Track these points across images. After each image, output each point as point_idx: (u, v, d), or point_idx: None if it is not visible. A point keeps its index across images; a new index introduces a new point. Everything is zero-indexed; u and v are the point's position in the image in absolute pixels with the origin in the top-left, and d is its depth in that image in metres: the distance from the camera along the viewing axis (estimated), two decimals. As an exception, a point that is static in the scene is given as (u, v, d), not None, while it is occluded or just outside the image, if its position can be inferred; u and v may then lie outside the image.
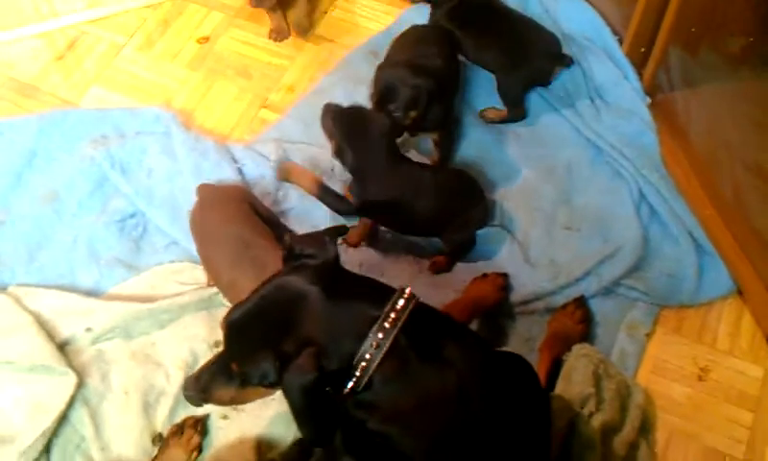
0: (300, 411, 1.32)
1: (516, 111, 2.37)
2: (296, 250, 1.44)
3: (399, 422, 1.33)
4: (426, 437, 1.33)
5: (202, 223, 1.97)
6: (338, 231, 1.53)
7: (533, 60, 2.36)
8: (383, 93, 2.05)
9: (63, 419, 1.85)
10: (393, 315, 1.32)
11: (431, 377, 1.34)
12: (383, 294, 1.37)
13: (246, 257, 1.82)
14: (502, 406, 1.39)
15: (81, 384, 1.89)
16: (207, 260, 1.96)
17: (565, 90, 2.42)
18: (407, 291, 1.37)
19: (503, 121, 2.38)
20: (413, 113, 2.05)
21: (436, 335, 1.38)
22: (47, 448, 1.82)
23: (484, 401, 1.36)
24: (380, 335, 1.31)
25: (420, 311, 1.37)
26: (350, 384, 1.32)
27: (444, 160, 2.26)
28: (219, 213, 1.95)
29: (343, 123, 1.96)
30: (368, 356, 1.30)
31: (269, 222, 1.99)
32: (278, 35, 2.66)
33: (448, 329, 1.43)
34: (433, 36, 2.28)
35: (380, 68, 2.11)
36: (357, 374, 1.31)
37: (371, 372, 1.31)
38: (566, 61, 2.39)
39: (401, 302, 1.34)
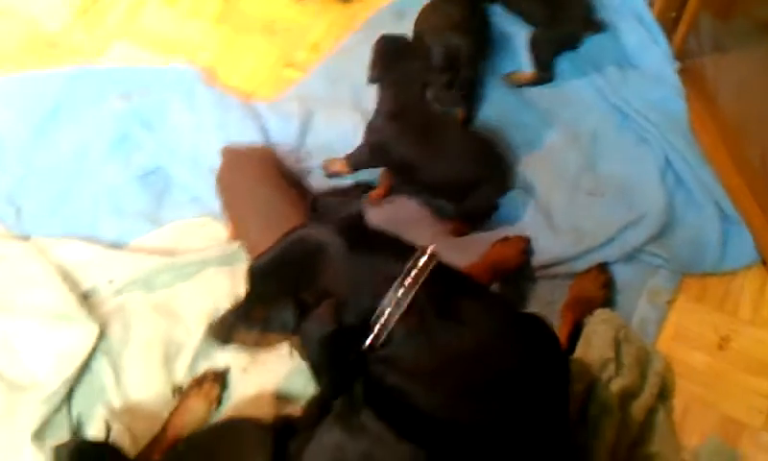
0: (317, 362, 1.35)
1: (545, 74, 2.34)
2: (320, 205, 1.45)
3: (417, 378, 1.33)
4: (443, 394, 1.33)
5: (230, 185, 1.98)
6: (363, 188, 1.54)
7: (569, 22, 2.32)
8: (450, 55, 2.04)
9: (85, 368, 1.87)
10: (414, 272, 1.32)
11: (450, 335, 1.34)
12: (405, 251, 1.37)
13: (273, 221, 1.82)
14: (521, 367, 1.39)
15: (102, 335, 1.90)
16: (236, 221, 1.97)
17: (593, 54, 2.37)
18: (429, 249, 1.37)
19: (531, 84, 2.35)
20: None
21: (457, 294, 1.37)
22: (69, 396, 1.84)
23: (503, 361, 1.36)
24: (400, 292, 1.31)
25: (441, 270, 1.37)
26: (370, 339, 1.32)
27: (468, 120, 2.24)
28: (247, 175, 1.96)
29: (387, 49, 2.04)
30: (387, 312, 1.30)
31: (294, 184, 2.00)
32: None
33: (469, 289, 1.42)
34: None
35: (429, 35, 2.10)
36: (377, 329, 1.31)
37: (390, 328, 1.31)
38: (597, 28, 2.35)
39: (423, 259, 1.34)
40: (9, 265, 2.03)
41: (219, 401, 1.84)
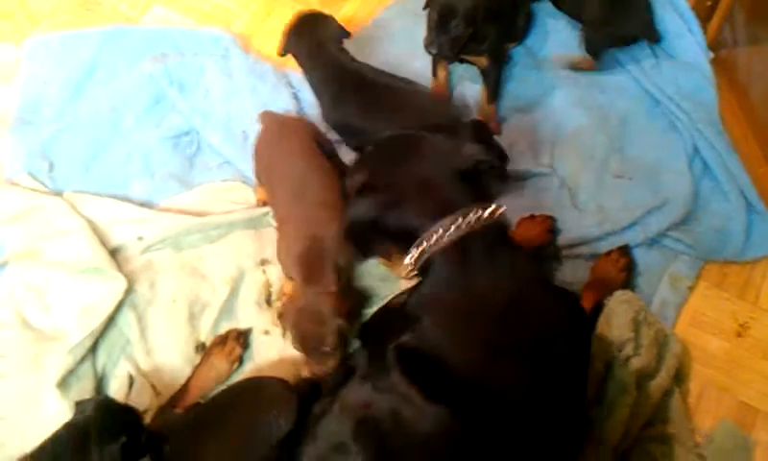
0: (349, 229, 1.62)
1: (594, 63, 2.35)
2: None
3: (448, 323, 1.42)
4: (472, 348, 1.40)
5: (267, 153, 2.01)
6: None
7: (631, 24, 2.31)
8: (443, 12, 2.06)
9: (111, 321, 1.91)
10: (472, 216, 1.49)
11: (487, 287, 1.45)
12: (477, 197, 1.55)
13: (304, 197, 1.87)
14: (550, 336, 1.45)
15: (129, 290, 1.94)
16: (269, 189, 2.00)
17: (627, 40, 2.39)
18: (495, 206, 1.52)
19: (581, 70, 2.35)
20: (470, 29, 2.07)
21: (503, 254, 1.49)
22: (94, 348, 1.88)
23: (533, 327, 1.43)
24: (453, 227, 1.47)
25: (499, 228, 1.52)
26: (409, 257, 1.51)
27: (492, 97, 2.25)
28: (284, 147, 1.98)
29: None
30: (435, 237, 1.48)
31: (331, 157, 2.03)
32: None
33: (517, 256, 1.55)
34: None
35: None
36: (418, 249, 1.50)
37: (429, 254, 1.48)
38: (655, 37, 2.33)
39: (488, 211, 1.50)
40: (41, 216, 2.07)
41: (240, 361, 1.88)
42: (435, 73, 2.30)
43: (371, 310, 1.93)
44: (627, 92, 2.29)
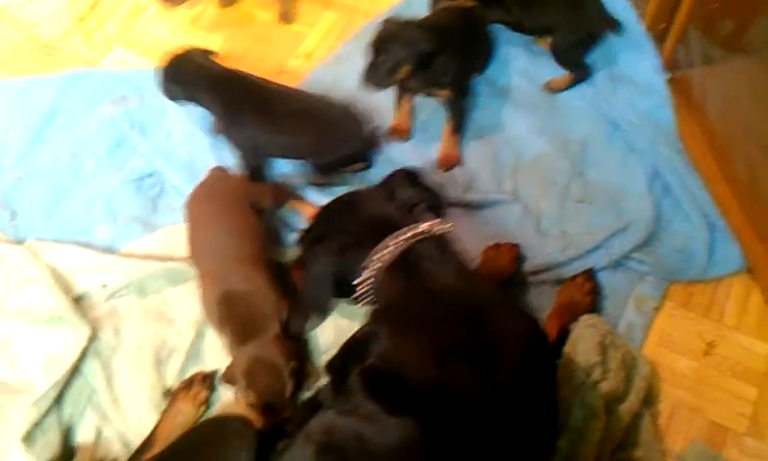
0: (313, 278, 1.70)
1: (581, 72, 2.37)
2: None
3: (401, 334, 1.51)
4: (425, 354, 1.46)
5: (197, 209, 2.00)
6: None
7: (589, 24, 2.35)
8: (375, 43, 2.06)
9: (76, 371, 1.89)
10: (409, 233, 1.61)
11: (431, 292, 1.55)
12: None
13: (224, 264, 1.86)
14: (498, 331, 1.49)
15: (94, 338, 1.92)
16: (192, 244, 1.96)
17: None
18: (431, 222, 1.65)
19: (571, 85, 2.37)
20: (405, 68, 2.07)
21: (449, 260, 1.61)
22: (59, 399, 1.85)
23: (480, 331, 1.48)
24: (391, 245, 1.60)
25: (439, 240, 1.63)
26: (358, 280, 1.63)
27: (456, 128, 2.26)
28: (216, 206, 1.97)
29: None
30: (377, 257, 1.60)
31: (276, 206, 2.04)
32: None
33: (459, 264, 1.64)
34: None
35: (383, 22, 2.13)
36: (365, 273, 1.61)
37: (374, 272, 1.61)
38: (616, 25, 2.36)
39: (424, 225, 1.64)
40: (3, 266, 2.05)
41: (207, 404, 1.85)
42: (398, 104, 2.31)
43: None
44: (586, 117, 2.31)
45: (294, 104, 2.15)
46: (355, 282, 1.65)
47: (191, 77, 2.14)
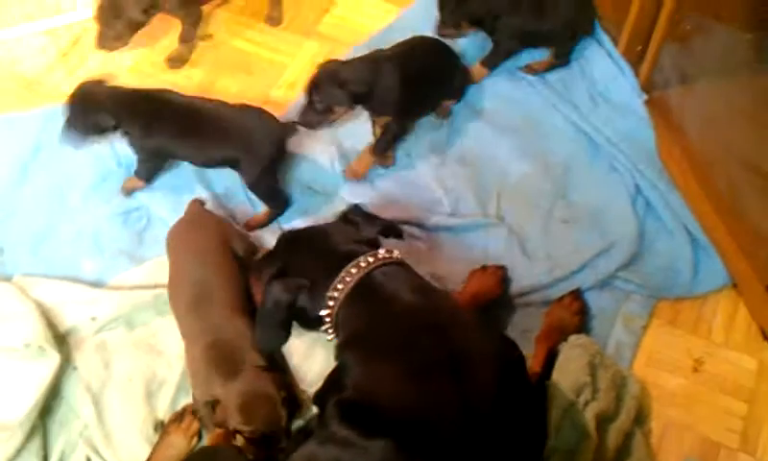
0: (266, 316, 1.72)
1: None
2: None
3: (369, 356, 1.56)
4: (395, 377, 1.49)
5: (175, 253, 2.01)
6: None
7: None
8: (309, 86, 2.15)
9: (66, 405, 1.88)
10: (365, 263, 1.64)
11: (392, 314, 1.60)
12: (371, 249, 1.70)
13: (200, 305, 1.86)
14: (466, 346, 1.53)
15: (84, 371, 1.92)
16: (172, 286, 1.97)
17: (563, 85, 2.45)
18: (384, 249, 1.68)
19: (549, 69, 2.46)
20: (339, 109, 2.15)
21: (407, 282, 1.65)
22: (50, 435, 1.85)
23: (448, 349, 1.51)
24: (349, 276, 1.64)
25: (396, 268, 1.67)
26: (323, 311, 1.66)
27: (378, 149, 2.28)
28: (193, 249, 1.97)
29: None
30: (337, 293, 1.64)
31: (246, 256, 2.03)
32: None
33: (421, 286, 1.67)
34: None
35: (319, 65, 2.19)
36: (329, 304, 1.65)
37: (338, 303, 1.64)
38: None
39: (380, 253, 1.68)
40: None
41: (199, 436, 1.84)
42: (374, 132, 2.34)
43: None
44: (567, 138, 2.35)
45: (209, 112, 2.19)
46: (322, 314, 1.67)
47: (106, 101, 2.13)
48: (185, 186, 2.27)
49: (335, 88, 2.12)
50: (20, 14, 2.71)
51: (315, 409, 1.77)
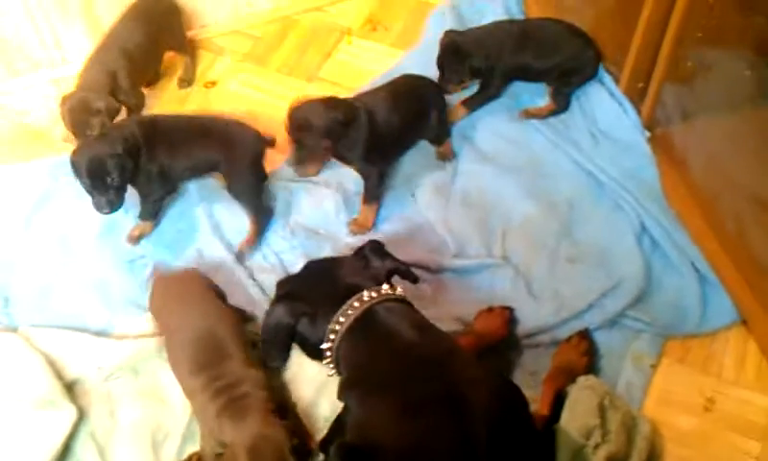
0: (268, 334, 1.78)
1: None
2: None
3: (357, 392, 1.59)
4: (380, 410, 1.52)
5: (160, 314, 1.99)
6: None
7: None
8: (292, 133, 2.18)
9: (72, 455, 1.87)
10: (366, 297, 1.66)
11: (389, 350, 1.61)
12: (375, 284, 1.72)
13: (200, 352, 1.84)
14: (462, 383, 1.53)
15: (89, 421, 1.91)
16: (171, 359, 1.93)
17: (565, 125, 2.46)
18: (387, 286, 1.71)
19: (548, 115, 2.48)
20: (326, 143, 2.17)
21: (405, 318, 1.66)
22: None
23: (446, 386, 1.51)
24: (351, 310, 1.66)
25: (395, 304, 1.68)
26: (325, 345, 1.68)
27: (367, 198, 2.30)
28: (174, 305, 1.96)
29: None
30: (338, 326, 1.66)
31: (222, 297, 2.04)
32: None
33: (421, 323, 1.67)
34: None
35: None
36: (330, 336, 1.67)
37: (339, 336, 1.66)
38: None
39: (383, 289, 1.70)
40: (-6, 356, 2.03)
41: (206, 485, 1.83)
42: None
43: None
44: (570, 176, 2.34)
45: (194, 125, 2.32)
46: (323, 347, 1.68)
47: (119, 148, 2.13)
48: (188, 232, 2.30)
49: (316, 130, 2.14)
50: (27, 65, 2.74)
51: (322, 457, 1.78)
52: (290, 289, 1.80)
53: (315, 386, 1.94)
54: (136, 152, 2.15)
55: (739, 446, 1.86)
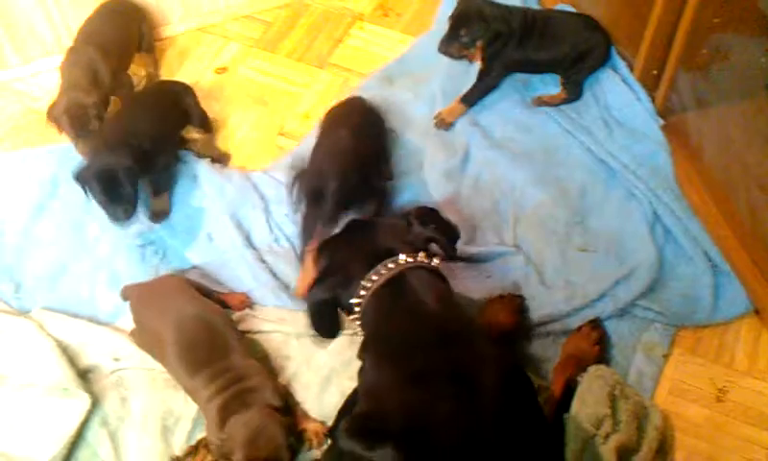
0: (312, 314, 1.83)
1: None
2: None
3: (373, 352, 1.64)
4: (390, 374, 1.55)
5: (152, 323, 1.96)
6: None
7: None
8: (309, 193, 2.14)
9: (83, 441, 1.88)
10: (400, 260, 1.69)
11: (410, 315, 1.64)
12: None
13: (189, 348, 1.85)
14: (474, 359, 1.54)
15: (100, 408, 1.92)
16: (167, 368, 1.94)
17: (578, 112, 2.44)
18: (422, 253, 1.73)
19: (560, 103, 2.47)
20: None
21: (431, 289, 1.67)
22: (67, 470, 1.84)
23: (459, 357, 1.54)
24: (380, 272, 1.69)
25: (430, 270, 1.72)
26: (353, 300, 1.71)
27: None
28: (158, 309, 1.96)
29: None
30: (369, 285, 1.69)
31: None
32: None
33: (442, 293, 1.70)
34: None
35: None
36: (357, 298, 1.71)
37: (365, 298, 1.69)
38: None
39: (418, 256, 1.72)
40: (7, 339, 2.04)
41: (213, 469, 1.84)
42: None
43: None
44: (583, 164, 2.33)
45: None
46: (352, 301, 1.72)
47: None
48: (197, 217, 2.30)
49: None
50: (37, 50, 2.74)
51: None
52: (326, 264, 1.83)
53: (324, 373, 1.94)
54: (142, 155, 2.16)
55: (751, 436, 1.86)
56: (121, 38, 2.57)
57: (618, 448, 1.70)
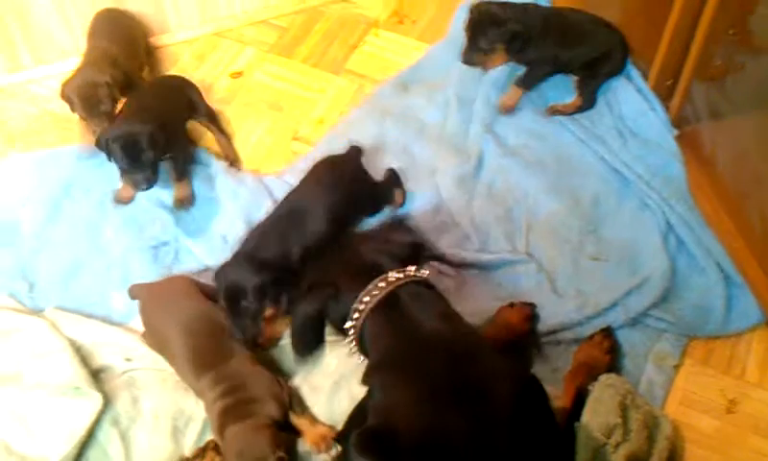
0: (298, 331, 1.81)
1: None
2: None
3: (379, 372, 1.62)
4: (400, 392, 1.54)
5: (160, 323, 1.99)
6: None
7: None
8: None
9: (93, 441, 1.89)
10: (393, 277, 1.68)
11: (412, 332, 1.62)
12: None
13: (196, 352, 1.88)
14: (481, 372, 1.54)
15: (111, 407, 1.92)
16: (175, 369, 1.96)
17: (592, 121, 2.44)
18: (412, 268, 1.71)
19: (574, 112, 2.47)
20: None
21: (430, 303, 1.67)
22: (77, 470, 1.85)
23: (462, 373, 1.53)
24: (377, 290, 1.66)
25: (423, 284, 1.70)
26: (349, 323, 1.70)
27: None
28: (165, 313, 1.98)
29: None
30: (365, 300, 1.66)
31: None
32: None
33: (441, 307, 1.69)
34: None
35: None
36: (354, 315, 1.68)
37: (363, 316, 1.67)
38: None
39: (409, 271, 1.70)
40: (21, 338, 2.05)
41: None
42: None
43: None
44: (596, 173, 2.33)
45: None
46: (346, 326, 1.71)
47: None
48: (211, 218, 2.31)
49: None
50: (54, 53, 2.76)
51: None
52: (314, 278, 1.81)
53: (334, 379, 1.94)
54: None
55: (762, 448, 1.85)
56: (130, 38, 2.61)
57: (628, 457, 1.70)
